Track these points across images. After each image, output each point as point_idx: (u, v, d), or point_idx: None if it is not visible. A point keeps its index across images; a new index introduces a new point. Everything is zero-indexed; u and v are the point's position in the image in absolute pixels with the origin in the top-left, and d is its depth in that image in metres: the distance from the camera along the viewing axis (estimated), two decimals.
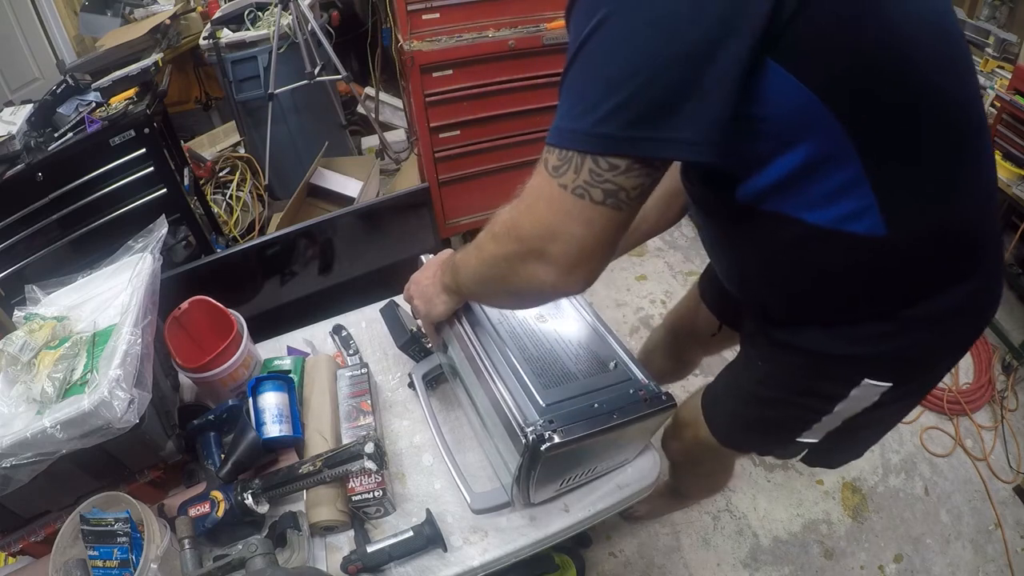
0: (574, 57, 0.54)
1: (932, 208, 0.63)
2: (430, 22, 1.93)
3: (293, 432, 0.93)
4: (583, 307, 0.95)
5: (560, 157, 0.55)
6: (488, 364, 0.82)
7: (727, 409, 0.97)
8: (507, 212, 0.63)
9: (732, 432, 0.98)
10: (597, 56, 0.52)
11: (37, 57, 2.82)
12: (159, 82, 2.00)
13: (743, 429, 0.96)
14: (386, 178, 2.90)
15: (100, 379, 0.76)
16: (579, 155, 0.53)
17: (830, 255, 0.65)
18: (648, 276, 2.41)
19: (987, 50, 2.02)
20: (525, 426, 0.73)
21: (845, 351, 0.73)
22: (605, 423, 0.75)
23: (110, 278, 0.99)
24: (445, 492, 0.92)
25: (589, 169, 0.53)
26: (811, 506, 1.72)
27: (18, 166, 1.68)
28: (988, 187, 0.71)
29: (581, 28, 0.52)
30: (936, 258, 0.66)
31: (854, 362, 0.74)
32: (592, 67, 0.53)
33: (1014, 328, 2.18)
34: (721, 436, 0.98)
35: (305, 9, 2.32)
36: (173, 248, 1.97)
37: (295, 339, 1.19)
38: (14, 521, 0.84)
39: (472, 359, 0.84)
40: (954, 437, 1.89)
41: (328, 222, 1.61)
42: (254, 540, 0.78)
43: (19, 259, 1.75)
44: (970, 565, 1.60)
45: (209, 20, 2.55)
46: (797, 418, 0.85)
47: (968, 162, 0.64)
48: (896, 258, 0.64)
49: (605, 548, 1.63)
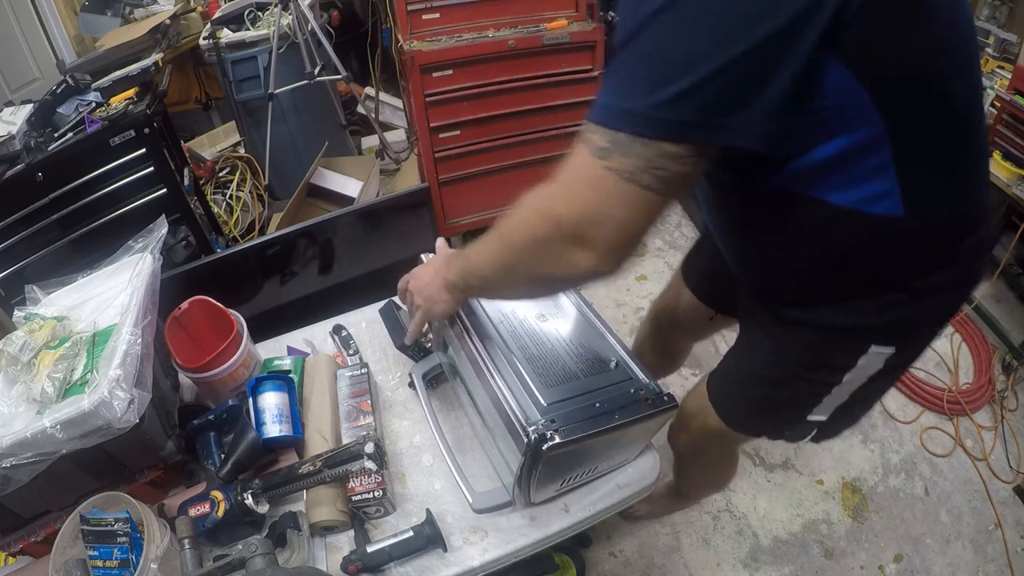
0: (632, 37, 0.52)
1: (944, 192, 0.67)
2: (430, 22, 1.93)
3: (293, 432, 0.93)
4: (583, 306, 0.95)
5: (608, 138, 0.53)
6: (489, 363, 0.82)
7: (736, 393, 0.97)
8: (538, 196, 0.61)
9: (743, 416, 0.98)
10: (663, 38, 0.50)
11: (37, 57, 2.82)
12: (159, 82, 2.00)
13: (754, 412, 0.96)
14: (386, 178, 2.90)
15: (100, 379, 0.76)
16: (631, 137, 0.52)
17: (850, 234, 0.67)
18: (648, 276, 2.41)
19: (987, 50, 2.02)
20: (527, 425, 0.73)
21: (858, 322, 0.76)
22: (607, 423, 0.75)
23: (110, 278, 0.99)
24: (445, 492, 0.92)
25: (641, 153, 0.52)
26: (811, 506, 1.72)
27: (18, 166, 1.68)
28: (985, 175, 0.76)
29: (640, 7, 0.51)
30: (945, 235, 0.70)
31: (865, 331, 0.77)
32: (657, 49, 0.51)
33: (1014, 328, 2.17)
34: (732, 421, 0.97)
35: (305, 9, 2.32)
36: (173, 248, 1.97)
37: (295, 339, 1.19)
38: (14, 521, 0.84)
39: (473, 358, 0.84)
40: (954, 437, 1.89)
41: (328, 222, 1.61)
42: (254, 540, 0.78)
43: (19, 259, 1.75)
44: (970, 565, 1.60)
45: (209, 20, 2.55)
46: (809, 393, 0.86)
47: (973, 152, 0.69)
48: (911, 236, 0.67)
49: (605, 548, 1.63)
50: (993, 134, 2.05)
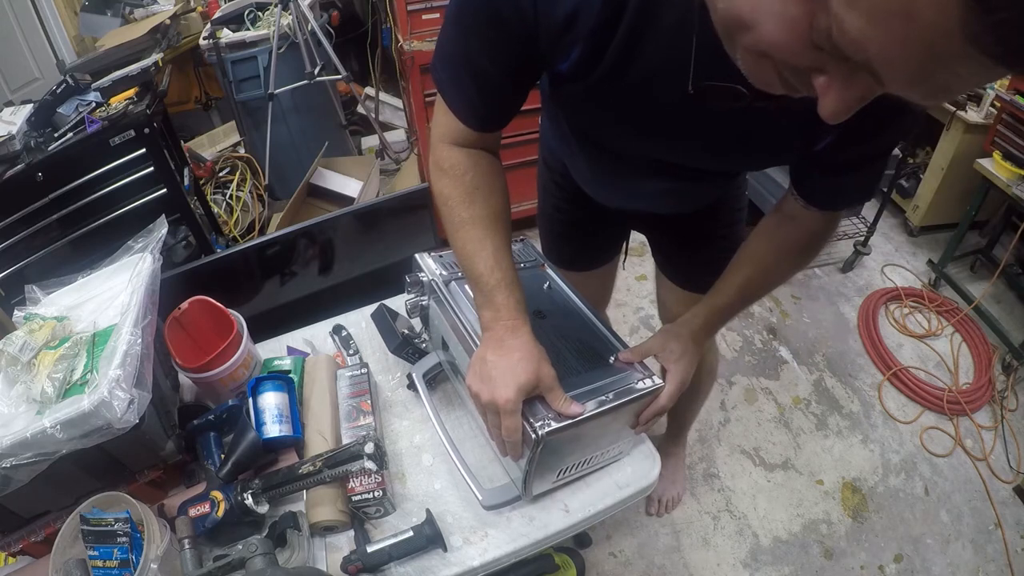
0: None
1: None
2: (430, 22, 1.93)
3: (293, 432, 0.93)
4: (581, 304, 0.96)
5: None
6: None
7: (710, 265, 0.98)
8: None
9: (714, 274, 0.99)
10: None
11: (37, 57, 2.82)
12: (159, 82, 2.00)
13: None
14: (386, 178, 2.90)
15: (100, 379, 0.76)
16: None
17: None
18: (648, 276, 2.42)
19: None
20: (534, 422, 0.73)
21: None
22: (599, 406, 0.75)
23: (110, 278, 0.99)
24: (445, 492, 0.92)
25: None
26: (811, 506, 1.73)
27: (18, 166, 1.68)
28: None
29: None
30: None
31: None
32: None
33: (1014, 328, 2.18)
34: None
35: (305, 9, 2.32)
36: (173, 248, 1.97)
37: (295, 339, 1.19)
38: (14, 521, 0.84)
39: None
40: (954, 437, 1.89)
41: (328, 222, 1.60)
42: (254, 540, 0.78)
43: (19, 259, 1.76)
44: (970, 565, 1.60)
45: (209, 20, 2.55)
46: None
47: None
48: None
49: (605, 548, 1.63)
50: (993, 134, 2.05)
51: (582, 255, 1.30)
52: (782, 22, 0.39)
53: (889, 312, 2.33)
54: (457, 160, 0.77)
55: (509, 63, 0.67)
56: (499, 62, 0.67)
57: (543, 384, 0.73)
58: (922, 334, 2.24)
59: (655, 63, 0.62)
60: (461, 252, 0.79)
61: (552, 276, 1.01)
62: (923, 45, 0.32)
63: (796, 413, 1.99)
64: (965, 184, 2.30)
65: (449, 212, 0.78)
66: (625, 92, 0.67)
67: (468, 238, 0.77)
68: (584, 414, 0.74)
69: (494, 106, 0.75)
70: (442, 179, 0.78)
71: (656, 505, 1.70)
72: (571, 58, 0.63)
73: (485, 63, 0.67)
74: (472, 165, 0.77)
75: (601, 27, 0.59)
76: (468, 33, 0.66)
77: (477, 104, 0.73)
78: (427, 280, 0.96)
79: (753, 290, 0.89)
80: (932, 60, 0.32)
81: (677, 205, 1.03)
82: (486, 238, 0.76)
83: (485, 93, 0.72)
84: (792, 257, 0.86)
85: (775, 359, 2.17)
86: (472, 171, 0.77)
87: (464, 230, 0.77)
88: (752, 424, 1.95)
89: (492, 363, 0.73)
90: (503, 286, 0.75)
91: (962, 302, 2.28)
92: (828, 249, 2.57)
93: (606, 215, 1.12)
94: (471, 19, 0.65)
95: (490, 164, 0.80)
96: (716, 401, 2.01)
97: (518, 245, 1.06)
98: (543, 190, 1.24)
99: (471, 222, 0.77)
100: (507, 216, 0.81)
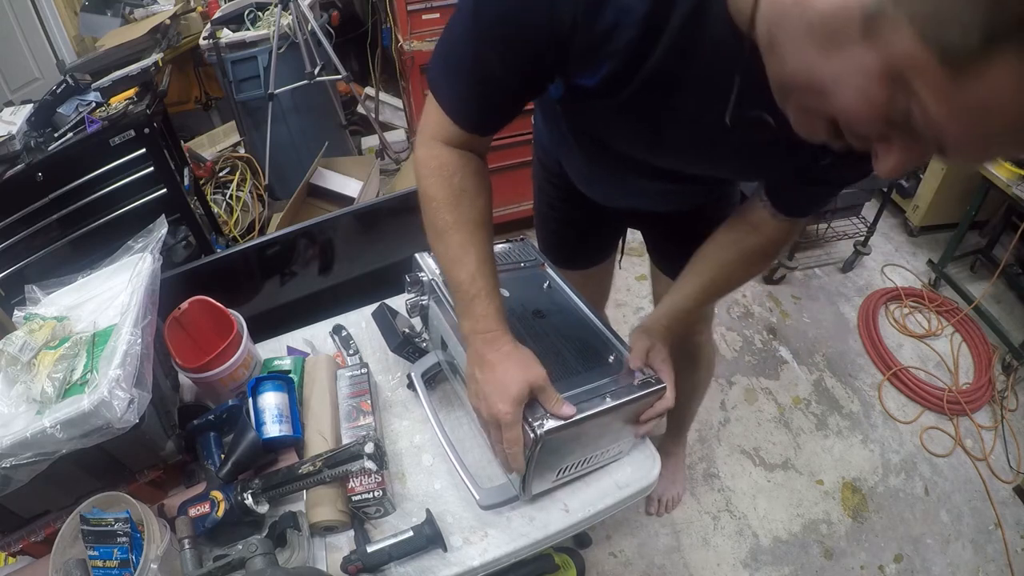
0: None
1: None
2: (430, 22, 1.94)
3: (293, 432, 0.93)
4: (581, 304, 0.96)
5: None
6: None
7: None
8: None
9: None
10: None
11: (37, 57, 2.82)
12: (159, 82, 2.00)
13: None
14: (386, 178, 2.90)
15: (100, 379, 0.76)
16: None
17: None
18: (648, 276, 2.41)
19: None
20: (532, 421, 0.73)
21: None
22: (598, 405, 0.75)
23: (110, 278, 0.99)
24: (445, 492, 0.92)
25: None
26: (811, 506, 1.73)
27: (18, 166, 1.69)
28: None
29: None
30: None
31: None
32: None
33: (1014, 328, 2.18)
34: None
35: (305, 9, 2.32)
36: (173, 248, 1.97)
37: (295, 339, 1.19)
38: (14, 521, 0.84)
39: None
40: (954, 437, 1.89)
41: (328, 222, 1.60)
42: (254, 540, 0.78)
43: (19, 259, 1.76)
44: (970, 565, 1.60)
45: (209, 20, 2.55)
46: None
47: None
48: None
49: (605, 548, 1.63)
50: None
51: (578, 254, 1.30)
52: (863, 97, 0.40)
53: (889, 312, 2.33)
54: (446, 160, 0.76)
55: (524, 71, 0.66)
56: (513, 69, 0.66)
57: (535, 386, 0.73)
58: (922, 334, 2.24)
59: (690, 86, 0.61)
60: (443, 257, 0.78)
61: (552, 276, 1.01)
62: (997, 137, 0.36)
63: (796, 413, 1.99)
64: (965, 184, 2.30)
65: (433, 214, 0.77)
66: (650, 110, 0.66)
67: (451, 243, 0.77)
68: (576, 416, 0.73)
69: (493, 110, 0.74)
70: (428, 178, 0.77)
71: (656, 505, 1.70)
72: (600, 73, 0.62)
73: (496, 68, 0.66)
74: (461, 167, 0.76)
75: (636, 45, 0.57)
76: (483, 36, 0.64)
77: (476, 107, 0.72)
78: (427, 279, 0.96)
79: (713, 296, 0.95)
80: (999, 147, 0.38)
81: (676, 204, 1.03)
82: (469, 244, 0.76)
83: (487, 97, 0.71)
84: (755, 264, 0.89)
85: (775, 359, 2.17)
86: (460, 173, 0.76)
87: (448, 235, 0.77)
88: (752, 424, 1.95)
89: (482, 380, 0.75)
90: (483, 295, 0.75)
91: (962, 302, 2.28)
92: (828, 249, 2.58)
93: (601, 213, 1.12)
94: (491, 22, 0.63)
95: (478, 167, 0.79)
96: (716, 401, 2.01)
97: (518, 244, 1.06)
98: (538, 189, 1.24)
99: (455, 227, 0.76)
100: (490, 221, 0.80)
